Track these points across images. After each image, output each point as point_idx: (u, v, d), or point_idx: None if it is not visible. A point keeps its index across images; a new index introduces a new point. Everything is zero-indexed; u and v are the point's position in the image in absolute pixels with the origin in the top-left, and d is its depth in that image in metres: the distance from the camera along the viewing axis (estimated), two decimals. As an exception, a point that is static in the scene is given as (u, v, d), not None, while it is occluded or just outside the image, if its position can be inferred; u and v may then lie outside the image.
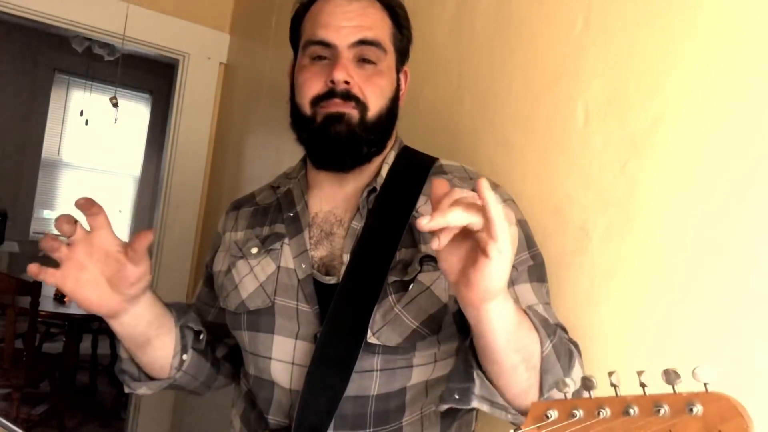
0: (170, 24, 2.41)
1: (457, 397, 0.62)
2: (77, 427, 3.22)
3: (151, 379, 0.84)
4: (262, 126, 2.09)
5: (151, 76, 5.16)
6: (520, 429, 0.44)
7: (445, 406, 0.62)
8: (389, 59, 0.80)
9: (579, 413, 0.40)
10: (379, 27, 0.78)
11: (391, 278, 0.73)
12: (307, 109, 0.77)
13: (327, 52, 0.76)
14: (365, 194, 0.79)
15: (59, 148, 5.14)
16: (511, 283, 0.72)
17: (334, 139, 0.75)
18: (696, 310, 0.66)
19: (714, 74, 0.67)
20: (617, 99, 0.78)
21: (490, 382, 0.62)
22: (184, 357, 0.84)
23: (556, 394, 0.62)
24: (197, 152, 2.52)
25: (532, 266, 0.74)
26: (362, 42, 0.76)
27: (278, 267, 0.79)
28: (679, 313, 0.67)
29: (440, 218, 0.50)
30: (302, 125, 0.78)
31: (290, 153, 1.80)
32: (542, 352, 0.61)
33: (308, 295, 0.76)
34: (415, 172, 0.81)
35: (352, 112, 0.75)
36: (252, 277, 0.80)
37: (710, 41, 0.68)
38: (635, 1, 0.77)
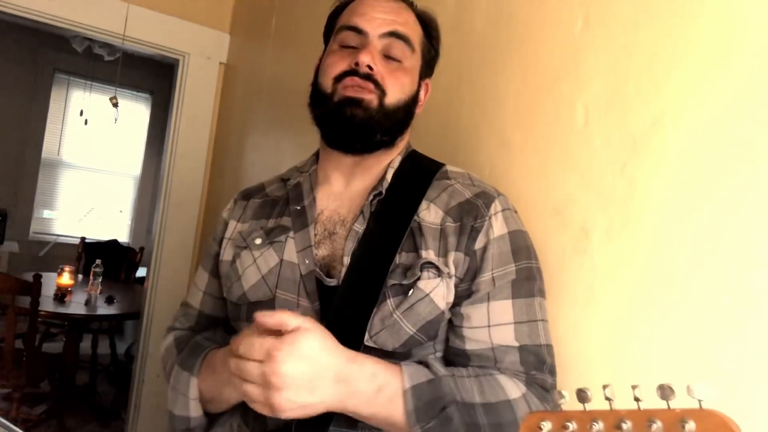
0: (170, 24, 2.41)
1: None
2: (77, 427, 3.22)
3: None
4: (262, 126, 2.09)
5: (151, 76, 5.16)
6: None
7: None
8: (415, 60, 0.82)
9: (572, 425, 0.40)
10: (411, 27, 0.81)
11: (390, 282, 0.73)
12: (328, 86, 0.78)
13: (357, 41, 0.79)
14: (371, 198, 0.79)
15: (59, 148, 5.14)
16: (487, 298, 0.72)
17: (348, 121, 0.76)
18: (696, 310, 0.65)
19: (714, 74, 0.67)
20: (617, 99, 0.78)
21: None
22: None
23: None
24: (197, 152, 2.52)
25: (516, 280, 0.73)
26: (392, 34, 0.78)
27: (281, 260, 0.79)
28: (679, 313, 0.67)
29: None
30: (320, 102, 0.80)
31: (290, 153, 1.80)
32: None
33: (310, 291, 0.77)
34: (419, 176, 0.82)
35: (371, 97, 0.76)
36: (254, 268, 0.80)
37: (711, 41, 0.68)
38: (635, 1, 0.77)
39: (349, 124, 0.76)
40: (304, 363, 0.59)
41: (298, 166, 0.92)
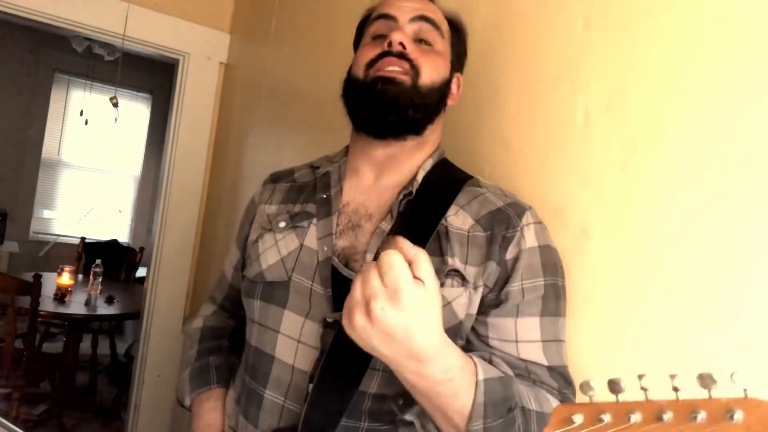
0: (170, 24, 2.41)
1: (400, 402, 0.66)
2: (77, 427, 3.22)
3: None
4: (262, 126, 2.09)
5: (151, 76, 5.16)
6: None
7: (387, 407, 0.65)
8: (445, 46, 0.82)
9: (606, 418, 0.37)
10: (440, 17, 0.83)
11: None
12: (360, 73, 0.79)
13: (387, 27, 0.80)
14: (401, 197, 0.78)
15: (59, 148, 5.14)
16: (515, 312, 0.71)
17: (379, 96, 0.75)
18: (696, 309, 0.65)
19: (714, 74, 0.67)
20: (617, 99, 0.78)
21: None
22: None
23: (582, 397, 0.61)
24: (197, 152, 2.52)
25: (545, 297, 0.72)
26: (422, 17, 0.80)
27: (301, 245, 0.80)
28: (680, 312, 0.67)
29: None
30: (352, 87, 0.80)
31: (290, 153, 1.80)
32: (468, 426, 0.59)
33: (324, 278, 0.76)
34: (450, 181, 0.81)
35: (404, 77, 0.76)
36: (275, 249, 0.81)
37: (711, 41, 0.68)
38: (635, 1, 0.77)
39: (381, 99, 0.75)
40: (402, 318, 0.54)
41: (329, 155, 0.93)
